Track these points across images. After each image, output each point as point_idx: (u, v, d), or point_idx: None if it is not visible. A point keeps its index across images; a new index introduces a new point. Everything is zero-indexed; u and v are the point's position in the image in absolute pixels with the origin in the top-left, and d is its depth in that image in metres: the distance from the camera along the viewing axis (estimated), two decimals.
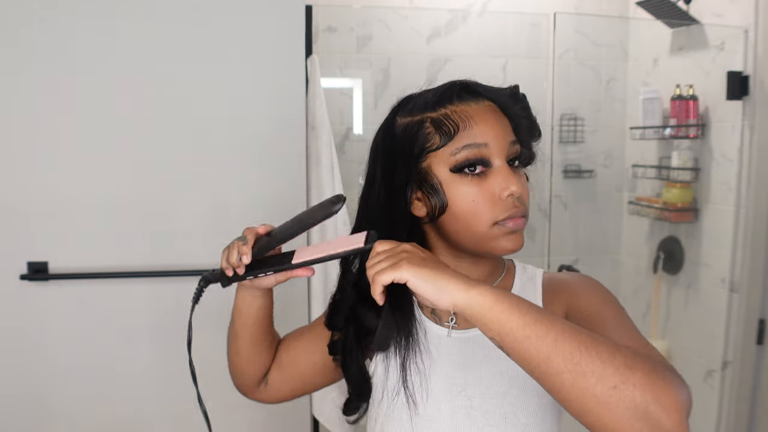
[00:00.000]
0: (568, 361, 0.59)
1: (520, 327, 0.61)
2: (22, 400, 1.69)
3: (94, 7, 1.63)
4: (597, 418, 0.58)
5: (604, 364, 0.58)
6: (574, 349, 0.59)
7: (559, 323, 0.61)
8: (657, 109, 2.42)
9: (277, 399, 0.95)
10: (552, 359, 0.60)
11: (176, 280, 1.68)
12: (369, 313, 0.81)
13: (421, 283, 0.64)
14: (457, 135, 0.74)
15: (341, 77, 2.52)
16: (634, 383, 0.57)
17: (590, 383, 0.58)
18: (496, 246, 0.75)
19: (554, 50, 2.52)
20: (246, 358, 0.91)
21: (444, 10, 2.55)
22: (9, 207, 1.64)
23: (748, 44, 2.09)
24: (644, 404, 0.57)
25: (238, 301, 0.87)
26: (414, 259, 0.66)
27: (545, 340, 0.60)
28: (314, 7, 1.84)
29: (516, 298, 0.63)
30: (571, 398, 0.59)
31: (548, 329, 0.60)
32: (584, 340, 0.60)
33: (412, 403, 0.80)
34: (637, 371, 0.58)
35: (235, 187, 1.72)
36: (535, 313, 0.62)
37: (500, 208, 0.74)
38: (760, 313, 2.12)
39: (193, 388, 0.86)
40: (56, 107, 1.64)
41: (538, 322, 0.61)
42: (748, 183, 2.10)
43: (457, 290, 0.63)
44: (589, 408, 0.58)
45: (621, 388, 0.57)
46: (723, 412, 2.22)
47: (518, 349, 0.61)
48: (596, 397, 0.58)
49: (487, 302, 0.62)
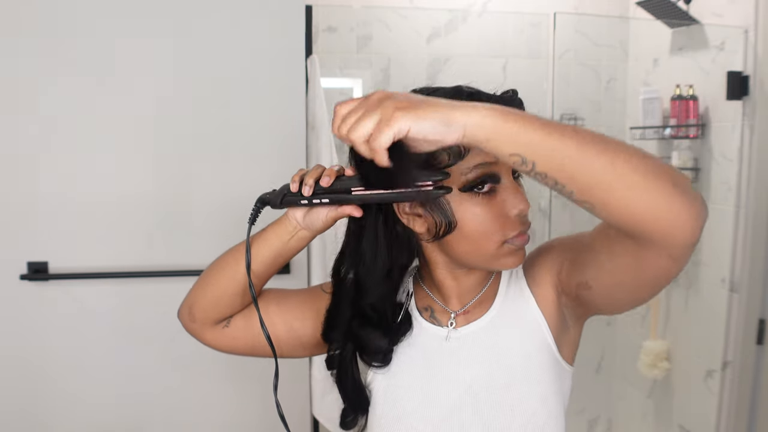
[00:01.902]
0: (606, 162, 0.58)
1: (544, 137, 0.58)
2: (22, 400, 1.69)
3: (94, 7, 1.63)
4: (643, 208, 0.58)
5: (641, 159, 0.58)
6: (603, 150, 0.58)
7: (576, 129, 0.59)
8: (657, 109, 2.42)
9: (228, 347, 0.89)
10: (593, 162, 0.58)
11: (176, 280, 1.68)
12: (365, 331, 0.80)
13: (424, 124, 0.58)
14: (468, 154, 0.71)
15: (341, 77, 2.52)
16: (666, 176, 0.58)
17: (633, 176, 0.57)
18: (503, 263, 0.75)
19: (554, 50, 2.52)
20: (228, 293, 0.84)
21: (444, 10, 2.54)
22: (9, 207, 1.64)
23: (748, 44, 2.09)
24: (682, 186, 0.58)
25: (270, 233, 0.82)
26: (401, 102, 0.59)
27: (573, 146, 0.58)
28: (314, 7, 1.83)
29: (524, 113, 0.60)
30: (610, 200, 0.59)
31: (572, 134, 0.58)
32: (609, 142, 0.59)
33: (418, 412, 0.79)
34: (666, 172, 0.58)
35: (235, 187, 1.72)
36: (548, 121, 0.59)
37: (509, 226, 0.73)
38: (760, 313, 2.11)
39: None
40: (56, 107, 1.64)
41: (562, 129, 0.59)
42: (748, 183, 2.10)
43: (462, 116, 0.58)
44: (633, 201, 0.58)
45: (660, 173, 0.58)
46: (723, 412, 2.21)
47: (542, 157, 0.58)
48: (638, 186, 0.58)
49: (499, 118, 0.58)
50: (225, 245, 0.85)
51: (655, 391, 2.60)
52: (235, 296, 0.85)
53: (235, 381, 1.76)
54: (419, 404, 0.80)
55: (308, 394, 1.82)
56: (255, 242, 0.82)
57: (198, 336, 0.89)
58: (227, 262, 0.84)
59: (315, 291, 0.90)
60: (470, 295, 0.83)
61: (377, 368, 0.83)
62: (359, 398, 0.83)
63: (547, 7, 2.51)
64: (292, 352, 0.90)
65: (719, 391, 2.23)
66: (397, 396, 0.81)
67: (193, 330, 0.89)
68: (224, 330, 0.87)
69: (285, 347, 0.88)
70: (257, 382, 1.70)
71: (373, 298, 0.79)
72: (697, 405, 2.35)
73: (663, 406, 2.56)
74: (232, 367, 1.73)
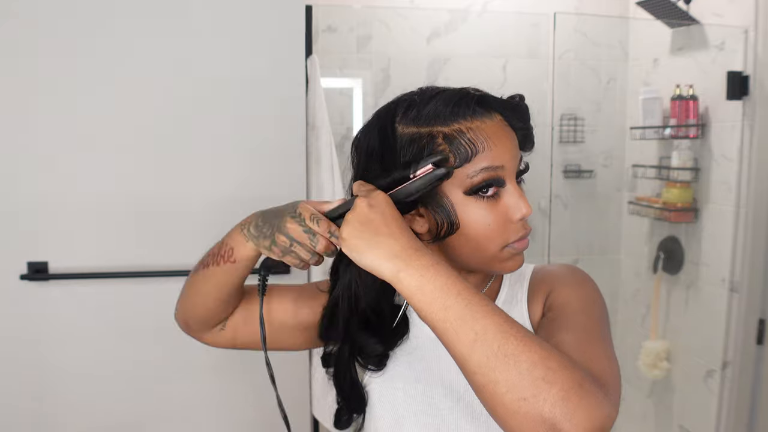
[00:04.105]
0: (483, 366, 0.58)
1: (440, 320, 0.60)
2: (22, 400, 1.69)
3: (94, 6, 1.63)
4: (502, 422, 0.58)
5: (521, 375, 0.57)
6: (492, 355, 0.58)
7: (487, 321, 0.59)
8: (657, 109, 2.42)
9: (228, 345, 0.89)
10: (467, 360, 0.59)
11: (176, 280, 1.67)
12: (362, 334, 0.80)
13: (354, 255, 0.65)
14: (475, 157, 0.70)
15: (341, 77, 2.52)
16: (545, 398, 0.56)
17: (500, 391, 0.57)
18: (503, 267, 0.75)
19: (554, 50, 2.52)
20: (221, 300, 0.83)
21: (444, 10, 2.54)
22: (9, 207, 1.64)
23: (748, 44, 2.09)
24: (552, 419, 0.55)
25: (244, 256, 0.78)
26: (353, 224, 0.65)
27: (463, 340, 0.59)
28: (314, 7, 1.84)
29: (449, 284, 0.61)
30: (480, 397, 0.60)
31: (470, 328, 0.59)
32: (509, 345, 0.58)
33: (415, 416, 0.79)
34: (555, 386, 0.56)
35: (235, 187, 1.72)
36: (461, 307, 0.60)
37: (512, 230, 0.73)
38: (760, 313, 2.12)
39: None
40: (56, 107, 1.64)
41: (461, 319, 0.60)
42: (748, 183, 2.10)
43: (386, 266, 0.63)
44: (496, 412, 0.58)
45: (531, 401, 0.56)
46: (723, 412, 2.22)
47: (439, 338, 0.61)
48: (504, 405, 0.57)
49: (412, 286, 0.62)
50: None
51: (655, 391, 2.60)
52: (227, 302, 0.84)
53: (235, 381, 1.76)
54: (416, 409, 0.80)
55: (308, 394, 1.82)
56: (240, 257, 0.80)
57: (197, 339, 0.90)
58: (212, 273, 0.82)
59: (311, 287, 0.90)
60: None
61: (372, 371, 0.82)
62: (356, 398, 0.83)
63: (547, 7, 2.52)
64: (289, 345, 0.89)
65: (719, 391, 2.23)
66: (395, 400, 0.81)
67: (190, 335, 0.90)
68: (222, 332, 0.88)
69: (283, 341, 0.88)
70: (258, 383, 1.70)
71: (370, 297, 0.79)
72: (697, 405, 2.35)
73: (663, 406, 2.56)
74: (232, 367, 1.73)
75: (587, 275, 0.82)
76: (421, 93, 0.75)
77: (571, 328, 0.71)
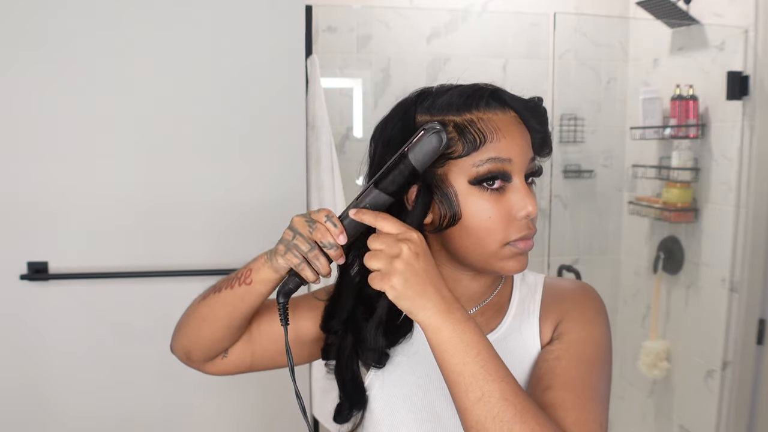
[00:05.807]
0: (480, 424, 0.62)
1: (455, 372, 0.64)
2: (22, 400, 1.69)
3: (94, 6, 1.63)
4: None
5: None
6: (491, 417, 0.62)
7: (495, 386, 0.63)
8: (657, 109, 2.42)
9: (232, 372, 0.89)
10: (468, 413, 0.63)
11: (176, 280, 1.68)
12: (366, 324, 0.79)
13: (400, 302, 0.66)
14: (483, 146, 0.70)
15: (341, 77, 2.52)
16: None
17: None
18: (503, 266, 0.74)
19: (554, 50, 2.52)
20: (230, 332, 0.83)
21: (444, 10, 2.54)
22: (9, 207, 1.64)
23: (748, 44, 2.09)
24: None
25: (261, 278, 0.76)
26: (405, 273, 0.65)
27: (470, 396, 0.63)
28: (314, 7, 1.84)
29: (474, 341, 0.64)
30: None
31: (479, 387, 0.63)
32: (507, 413, 0.62)
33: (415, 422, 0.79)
34: None
35: (235, 187, 1.72)
36: (478, 366, 0.63)
37: (514, 228, 0.72)
38: (760, 313, 2.12)
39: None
40: (56, 107, 1.64)
41: (474, 376, 0.63)
42: (748, 183, 2.10)
43: (428, 317, 0.65)
44: None
45: None
46: (723, 412, 2.22)
47: (448, 385, 0.65)
48: None
49: (444, 337, 0.65)
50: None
51: (655, 391, 2.60)
52: (237, 329, 0.84)
53: (235, 380, 1.75)
54: (416, 415, 0.79)
55: (308, 394, 1.82)
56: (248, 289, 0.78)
57: (197, 369, 0.90)
58: (224, 297, 0.80)
59: (308, 298, 0.89)
60: (473, 303, 0.81)
61: (372, 368, 0.81)
62: (357, 392, 0.82)
63: (547, 7, 2.52)
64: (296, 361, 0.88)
65: (719, 391, 2.23)
66: (394, 405, 0.80)
67: (190, 365, 0.89)
68: (224, 361, 0.88)
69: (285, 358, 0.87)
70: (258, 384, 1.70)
71: None
72: (697, 405, 2.35)
73: (663, 406, 2.56)
74: None
75: (598, 302, 0.81)
76: (440, 86, 0.76)
77: (573, 386, 0.71)
